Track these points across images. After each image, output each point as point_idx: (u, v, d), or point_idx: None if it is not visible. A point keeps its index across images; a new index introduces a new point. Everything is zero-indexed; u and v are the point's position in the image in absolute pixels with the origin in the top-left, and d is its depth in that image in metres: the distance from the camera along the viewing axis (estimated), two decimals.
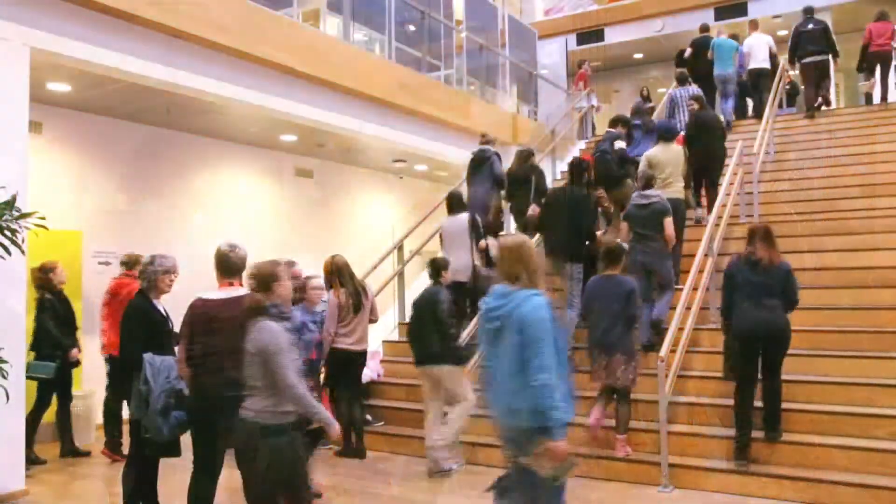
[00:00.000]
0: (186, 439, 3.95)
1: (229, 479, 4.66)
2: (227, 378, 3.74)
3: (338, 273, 6.19)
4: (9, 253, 3.60)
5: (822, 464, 4.86)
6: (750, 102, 12.06)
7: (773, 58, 11.41)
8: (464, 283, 6.82)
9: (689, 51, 11.33)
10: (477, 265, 6.88)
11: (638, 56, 17.04)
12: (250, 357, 3.26)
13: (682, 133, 8.40)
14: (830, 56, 10.54)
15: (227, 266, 3.93)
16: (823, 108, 11.10)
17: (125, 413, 5.28)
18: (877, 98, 10.92)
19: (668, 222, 6.30)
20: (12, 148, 5.22)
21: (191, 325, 3.81)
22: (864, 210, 7.74)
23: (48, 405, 6.18)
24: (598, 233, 6.92)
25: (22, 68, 5.32)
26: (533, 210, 7.60)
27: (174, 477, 5.20)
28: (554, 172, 10.81)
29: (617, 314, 5.31)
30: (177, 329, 4.62)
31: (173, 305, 4.45)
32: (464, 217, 7.09)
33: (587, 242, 6.58)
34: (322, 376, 6.77)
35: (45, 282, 6.16)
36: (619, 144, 7.88)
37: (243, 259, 3.96)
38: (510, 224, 8.60)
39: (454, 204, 7.28)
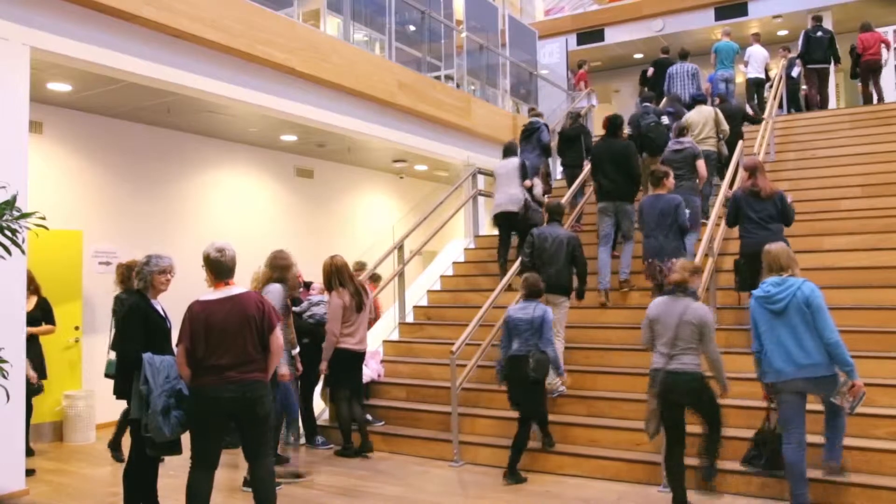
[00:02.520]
0: (186, 438, 3.95)
1: (229, 479, 4.68)
2: (226, 379, 3.75)
3: (337, 274, 6.20)
4: (9, 253, 3.59)
5: None
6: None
7: (766, 70, 12.25)
8: (515, 213, 7.98)
9: (651, 70, 11.71)
10: (528, 199, 8.00)
11: (638, 56, 17.04)
12: (689, 325, 4.46)
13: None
14: (832, 64, 11.71)
15: (221, 269, 3.97)
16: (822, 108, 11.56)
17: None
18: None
19: (701, 164, 7.34)
20: (12, 148, 5.22)
21: (191, 327, 3.81)
22: (864, 210, 7.74)
23: None
24: None
25: (22, 68, 5.32)
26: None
27: (174, 477, 5.22)
28: (554, 173, 10.80)
29: (670, 225, 6.31)
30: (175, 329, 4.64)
31: (175, 304, 4.46)
32: (515, 160, 8.21)
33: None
34: (322, 380, 6.81)
35: (126, 279, 6.05)
36: (666, 120, 8.76)
37: (234, 259, 4.02)
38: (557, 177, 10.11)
39: (508, 150, 8.49)
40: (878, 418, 5.04)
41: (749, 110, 10.84)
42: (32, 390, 5.97)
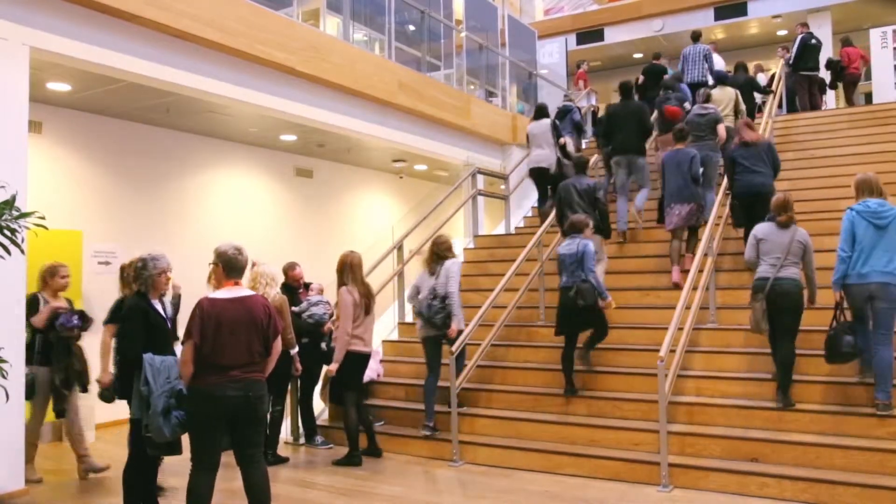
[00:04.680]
0: (186, 438, 3.95)
1: (229, 479, 4.67)
2: (230, 378, 3.76)
3: (351, 270, 6.04)
4: (9, 253, 3.58)
5: (822, 464, 4.86)
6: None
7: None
8: (547, 169, 8.93)
9: (641, 78, 11.78)
10: (559, 157, 8.91)
11: (638, 56, 17.06)
12: (799, 244, 5.42)
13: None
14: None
15: (235, 267, 4.00)
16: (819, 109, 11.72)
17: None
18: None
19: (721, 127, 8.21)
20: (12, 148, 5.22)
21: (202, 323, 3.80)
22: None
23: None
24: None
25: (22, 68, 5.32)
26: None
27: (174, 477, 5.22)
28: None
29: (686, 173, 7.20)
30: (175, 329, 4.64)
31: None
32: (547, 121, 9.07)
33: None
34: (322, 379, 6.79)
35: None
36: (688, 107, 9.34)
37: (247, 261, 4.09)
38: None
39: (540, 112, 9.34)
40: (878, 418, 5.03)
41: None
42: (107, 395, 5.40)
